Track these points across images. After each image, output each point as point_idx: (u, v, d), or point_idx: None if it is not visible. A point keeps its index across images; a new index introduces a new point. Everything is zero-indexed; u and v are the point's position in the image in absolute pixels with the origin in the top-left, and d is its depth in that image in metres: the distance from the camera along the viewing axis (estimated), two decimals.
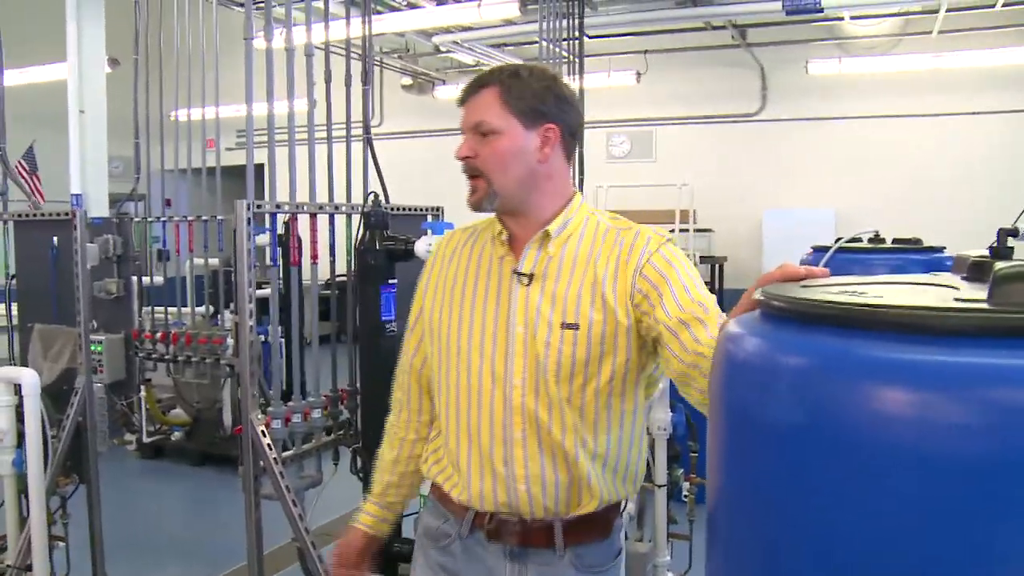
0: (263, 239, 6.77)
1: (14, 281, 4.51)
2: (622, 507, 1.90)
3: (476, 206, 1.79)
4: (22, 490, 3.71)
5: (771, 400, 0.77)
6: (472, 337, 1.78)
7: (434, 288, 1.89)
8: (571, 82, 6.35)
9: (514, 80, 1.75)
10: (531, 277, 1.75)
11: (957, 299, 0.75)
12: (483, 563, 1.83)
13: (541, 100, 1.74)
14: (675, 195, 11.09)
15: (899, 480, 0.67)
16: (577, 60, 6.55)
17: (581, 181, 6.41)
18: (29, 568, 3.64)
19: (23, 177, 7.36)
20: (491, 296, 1.79)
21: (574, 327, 1.70)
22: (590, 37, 8.85)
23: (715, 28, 11.03)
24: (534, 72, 1.79)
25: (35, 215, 4.34)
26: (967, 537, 0.64)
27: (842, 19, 9.90)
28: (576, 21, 6.58)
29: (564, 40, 6.47)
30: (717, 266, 11.36)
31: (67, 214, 4.21)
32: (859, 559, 0.69)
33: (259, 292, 6.88)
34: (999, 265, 0.74)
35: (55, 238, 4.17)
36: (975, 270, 0.90)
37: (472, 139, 1.76)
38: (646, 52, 11.65)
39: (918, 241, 4.38)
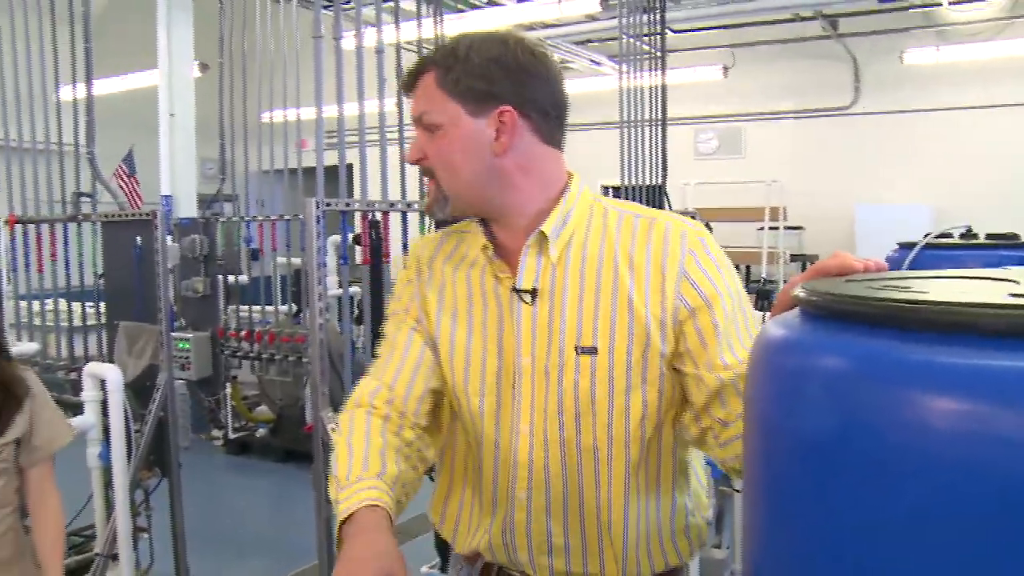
0: (337, 239, 6.84)
1: (102, 280, 4.63)
2: None
3: (428, 212, 1.48)
4: (108, 482, 3.82)
5: (801, 407, 0.69)
6: (471, 376, 1.46)
7: (417, 312, 1.54)
8: (654, 78, 6.23)
9: (451, 59, 1.40)
10: (534, 293, 1.41)
11: (1013, 295, 0.66)
12: None
13: (487, 78, 1.38)
14: (764, 192, 10.84)
15: (929, 491, 0.59)
16: (660, 55, 6.42)
17: (664, 178, 6.28)
18: (115, 557, 3.73)
19: (123, 181, 7.64)
20: (491, 324, 1.45)
21: (592, 351, 1.37)
22: (674, 32, 8.72)
23: (804, 19, 10.74)
24: (475, 45, 1.41)
25: (121, 216, 4.45)
26: (1013, 555, 0.56)
27: (940, 5, 9.52)
28: (658, 15, 6.46)
29: (646, 35, 6.35)
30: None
31: (149, 215, 4.31)
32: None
33: (338, 291, 6.98)
34: None
35: (139, 238, 4.26)
36: None
37: (421, 136, 1.45)
38: (733, 46, 11.42)
39: (1014, 236, 4.13)
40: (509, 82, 1.39)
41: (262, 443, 6.96)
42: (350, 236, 3.72)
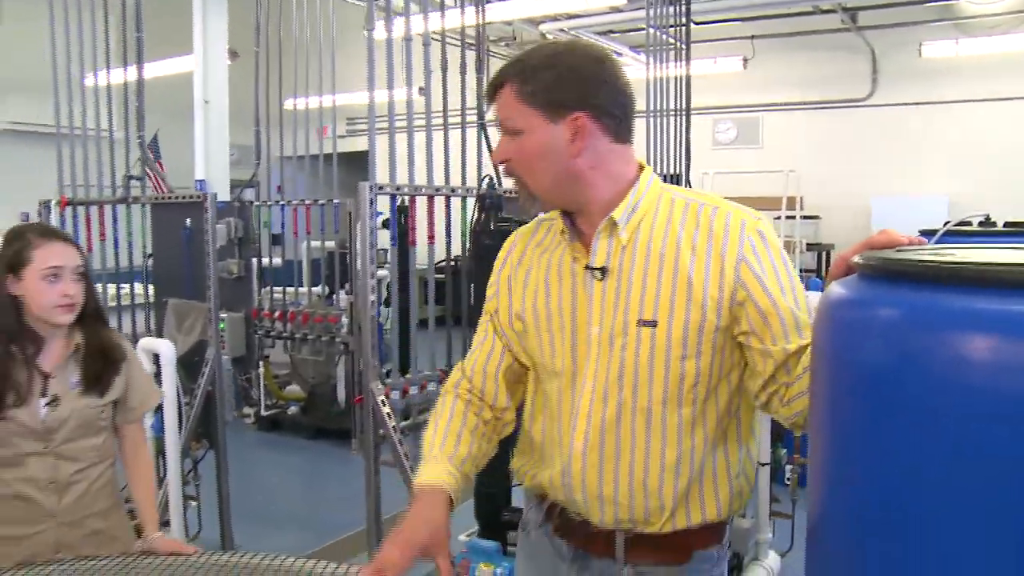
0: (377, 222, 6.97)
1: (150, 260, 4.81)
2: (722, 537, 1.68)
3: (521, 208, 1.67)
4: (159, 452, 4.00)
5: (865, 348, 0.87)
6: (553, 340, 1.64)
7: (509, 290, 1.75)
8: (678, 69, 6.37)
9: (527, 72, 1.55)
10: (604, 271, 1.58)
11: None
12: (549, 557, 1.75)
13: (559, 89, 1.53)
14: (781, 182, 10.97)
15: (970, 411, 0.76)
16: (684, 47, 6.55)
17: (688, 167, 6.43)
18: (166, 523, 3.91)
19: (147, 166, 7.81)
20: (565, 297, 1.63)
21: (652, 324, 1.53)
22: (696, 23, 8.82)
23: (824, 12, 10.85)
24: (547, 58, 1.56)
25: (170, 198, 4.63)
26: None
27: None
28: (683, 7, 6.58)
29: (671, 27, 6.47)
30: (824, 253, 11.20)
31: (199, 197, 4.49)
32: (941, 479, 0.79)
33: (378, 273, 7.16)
34: None
35: (188, 220, 4.43)
36: None
37: (504, 139, 1.60)
38: (753, 37, 11.54)
39: None
40: (580, 91, 1.54)
41: (292, 420, 7.16)
42: (379, 220, 3.88)
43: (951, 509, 0.79)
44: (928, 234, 3.44)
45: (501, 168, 1.66)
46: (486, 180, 3.69)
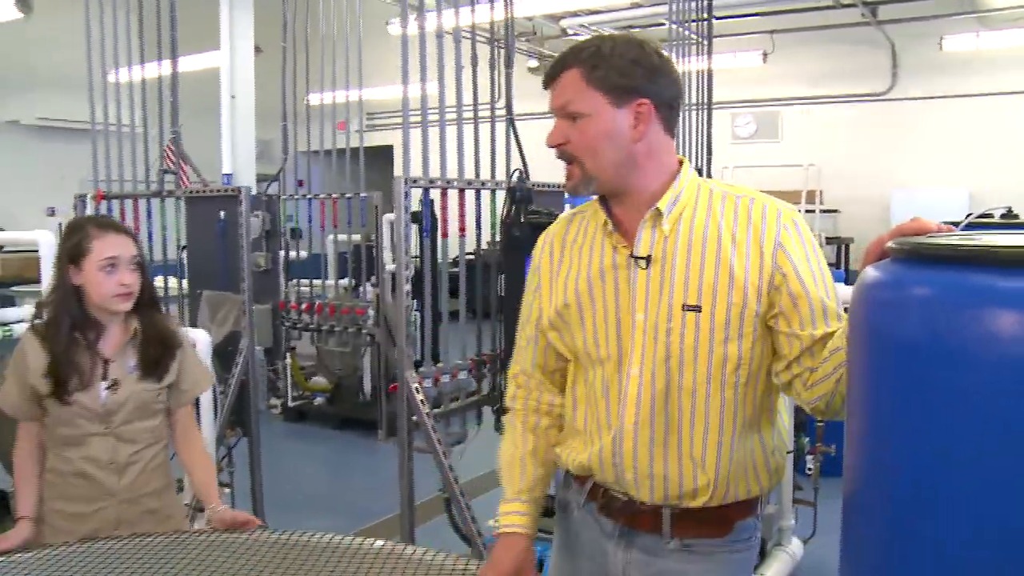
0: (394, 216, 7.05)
1: (184, 253, 4.92)
2: (758, 509, 1.76)
3: (573, 191, 1.70)
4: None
5: (903, 324, 0.95)
6: (596, 329, 1.71)
7: (550, 287, 1.81)
8: (700, 64, 6.42)
9: (597, 57, 1.62)
10: (648, 260, 1.64)
11: None
12: (593, 535, 1.80)
13: (628, 75, 1.61)
14: (801, 175, 11.00)
15: (999, 387, 0.85)
16: (705, 41, 6.59)
17: (709, 161, 6.49)
18: (201, 509, 4.02)
19: (170, 159, 7.92)
20: (608, 286, 1.69)
21: (696, 309, 1.60)
22: (717, 18, 8.86)
23: (844, 6, 10.86)
24: (618, 44, 1.64)
25: (204, 192, 4.73)
26: None
27: None
28: (704, 2, 6.62)
29: (692, 21, 6.52)
30: (843, 247, 11.22)
31: (233, 191, 4.59)
32: (971, 448, 0.88)
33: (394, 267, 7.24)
34: None
35: (222, 212, 4.53)
36: None
37: (562, 123, 1.67)
38: (772, 32, 11.56)
39: None
40: (646, 79, 1.62)
41: (318, 411, 7.27)
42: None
43: (981, 483, 0.87)
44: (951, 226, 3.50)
45: (556, 151, 1.70)
46: (516, 174, 3.77)
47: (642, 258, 1.65)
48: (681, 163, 1.72)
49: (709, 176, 6.48)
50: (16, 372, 2.35)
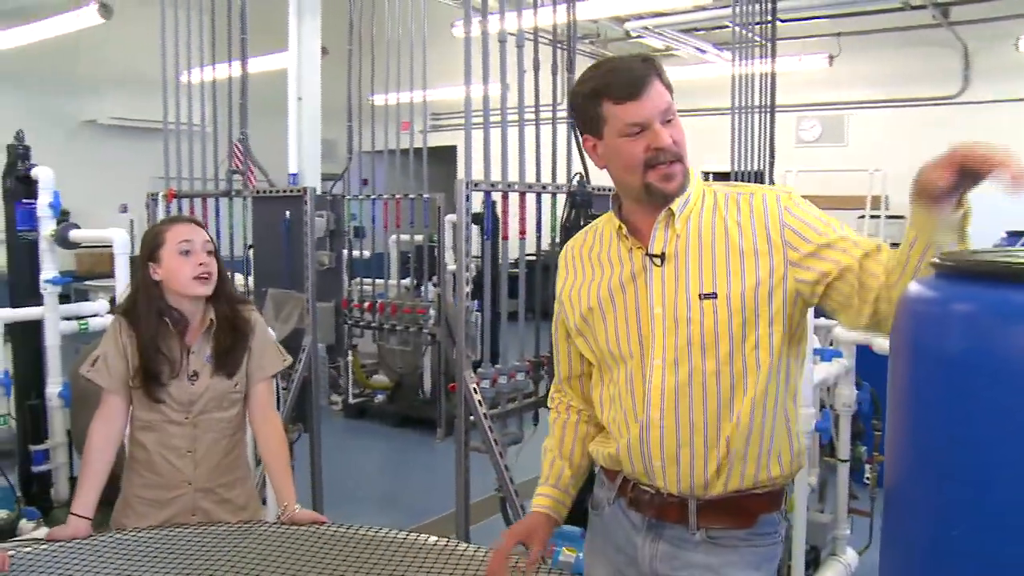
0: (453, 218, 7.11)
1: (251, 251, 5.04)
2: (782, 503, 1.84)
3: (679, 190, 1.74)
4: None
5: (944, 337, 0.97)
6: (620, 330, 1.80)
7: (571, 298, 1.92)
8: (763, 66, 6.39)
9: (658, 65, 1.76)
10: (663, 257, 1.75)
11: None
12: (623, 529, 1.88)
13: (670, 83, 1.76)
14: (866, 181, 10.82)
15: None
16: (769, 44, 6.55)
17: (771, 164, 6.44)
18: (264, 501, 4.11)
19: (238, 159, 8.11)
20: (628, 287, 1.79)
21: (712, 296, 1.70)
22: (782, 21, 8.77)
23: (914, 8, 10.66)
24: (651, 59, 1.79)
25: (271, 192, 4.85)
26: None
27: None
28: (768, 5, 6.58)
29: (756, 24, 6.48)
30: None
31: (298, 191, 4.69)
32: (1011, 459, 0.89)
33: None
34: None
35: (287, 212, 4.64)
36: None
37: (665, 127, 1.72)
38: (839, 35, 11.39)
39: None
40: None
41: (379, 409, 7.37)
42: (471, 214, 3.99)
43: (1018, 493, 0.88)
44: (1016, 235, 3.44)
45: (662, 153, 1.72)
46: (576, 177, 3.79)
47: (656, 256, 1.75)
48: (690, 169, 1.83)
49: (771, 180, 6.44)
50: (115, 347, 2.42)
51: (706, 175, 6.84)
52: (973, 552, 0.94)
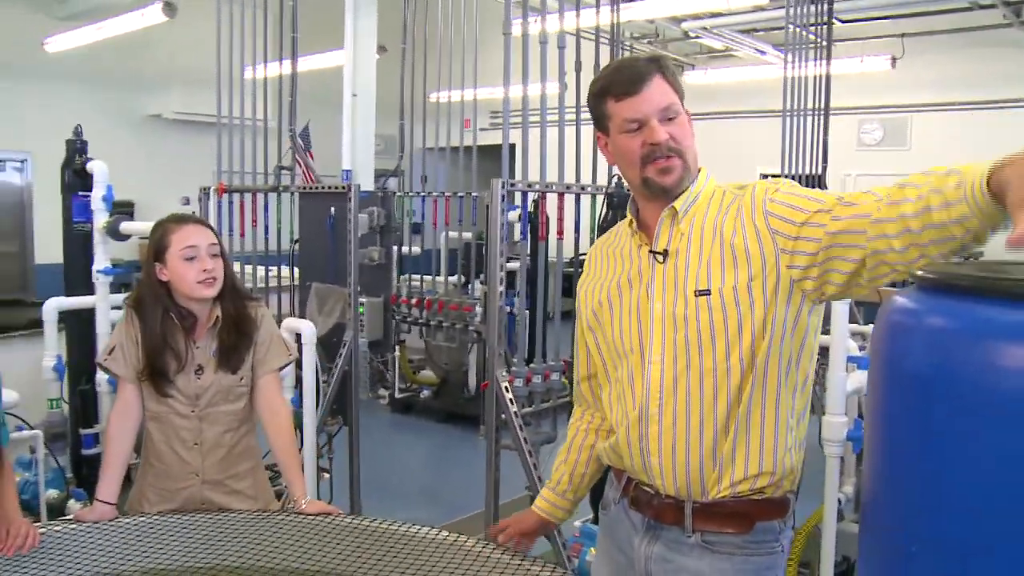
0: (513, 215, 7.14)
1: (297, 245, 5.13)
2: (786, 512, 1.82)
3: (676, 183, 1.78)
4: (297, 425, 4.26)
5: (914, 348, 0.96)
6: (623, 325, 1.85)
7: (586, 294, 1.98)
8: (818, 68, 6.30)
9: (665, 65, 1.81)
10: (665, 254, 1.79)
11: None
12: (625, 529, 1.93)
13: (678, 80, 1.82)
14: None
15: (994, 405, 0.84)
16: (826, 45, 6.45)
17: (824, 169, 6.34)
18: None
19: (298, 155, 8.24)
20: (634, 283, 1.84)
21: (706, 293, 1.72)
22: (842, 21, 8.64)
23: (982, 7, 10.36)
24: (657, 57, 1.86)
25: (316, 188, 4.93)
26: None
27: None
28: (825, 6, 6.48)
29: (813, 25, 6.40)
30: (972, 260, 10.73)
31: (343, 187, 4.76)
32: (976, 475, 0.88)
33: (508, 265, 7.34)
34: None
35: (332, 208, 4.71)
36: None
37: (664, 124, 1.76)
38: (903, 35, 11.15)
39: None
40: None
41: (424, 404, 7.44)
42: (513, 213, 4.00)
43: (982, 495, 0.87)
44: None
45: (660, 147, 1.76)
46: (615, 179, 3.79)
47: (659, 253, 1.80)
48: (701, 169, 1.86)
49: (824, 184, 6.34)
50: (128, 337, 2.49)
51: (763, 176, 6.75)
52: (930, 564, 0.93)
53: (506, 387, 3.51)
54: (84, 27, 9.50)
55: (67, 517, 2.55)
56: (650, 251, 1.81)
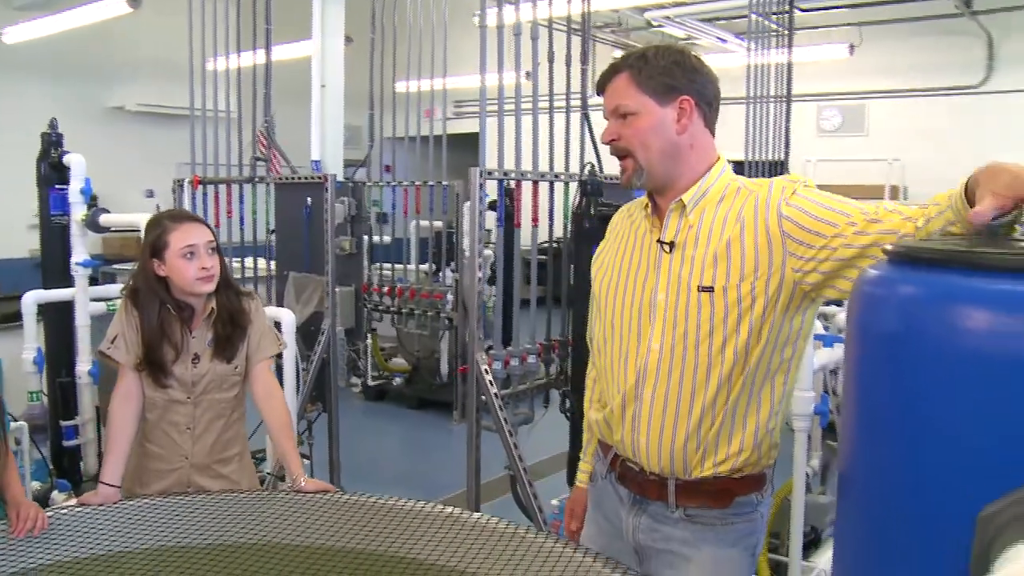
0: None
1: (273, 236, 5.18)
2: (762, 486, 1.91)
3: (627, 183, 1.88)
4: None
5: (885, 315, 1.08)
6: (624, 305, 1.91)
7: (600, 262, 2.05)
8: (780, 56, 6.44)
9: (642, 62, 1.83)
10: (672, 245, 1.83)
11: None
12: (612, 502, 2.03)
13: (671, 75, 1.82)
14: (885, 171, 10.84)
15: (953, 363, 0.98)
16: (787, 33, 6.60)
17: (787, 155, 6.50)
18: (282, 478, 4.25)
19: (263, 146, 8.25)
20: (641, 266, 1.89)
21: (709, 289, 1.77)
22: (802, 10, 8.81)
23: None
24: (660, 51, 1.86)
25: (293, 179, 4.99)
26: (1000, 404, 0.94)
27: None
28: None
29: (775, 13, 6.53)
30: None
31: (319, 178, 4.83)
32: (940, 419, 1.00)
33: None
34: None
35: (309, 198, 4.77)
36: None
37: (614, 123, 1.87)
38: (860, 24, 11.38)
39: None
40: (687, 79, 1.84)
41: (397, 391, 7.53)
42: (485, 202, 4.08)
43: (948, 448, 0.99)
44: None
45: (609, 147, 1.90)
46: (588, 167, 3.90)
47: (667, 243, 1.85)
48: (717, 159, 1.90)
49: (786, 170, 6.50)
50: (128, 326, 2.57)
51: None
52: (906, 509, 1.05)
53: (486, 369, 3.61)
54: (43, 17, 9.41)
55: (59, 506, 2.61)
56: (658, 240, 1.86)
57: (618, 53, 12.51)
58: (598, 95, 1.93)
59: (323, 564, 2.11)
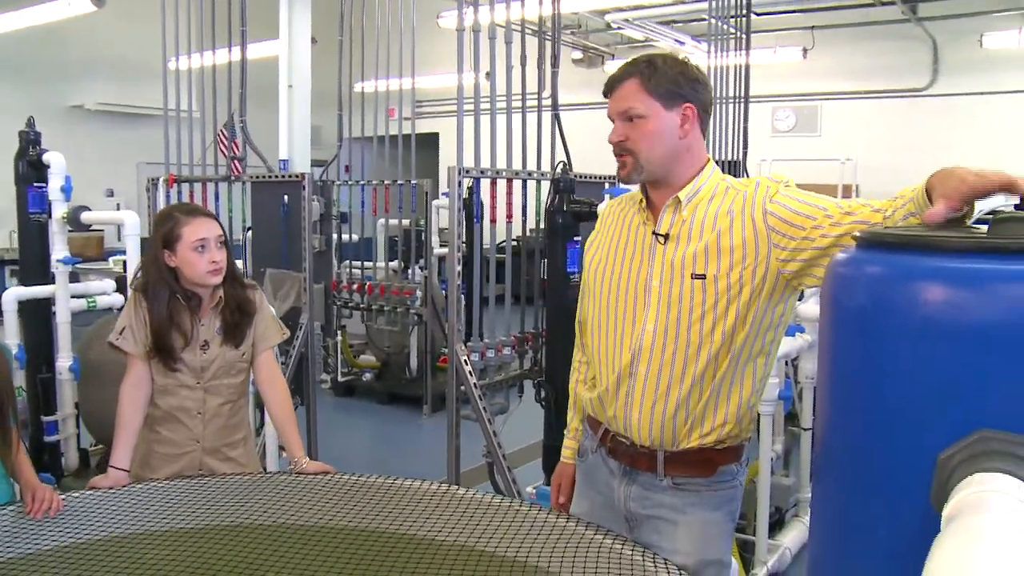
0: (442, 202, 7.28)
1: (250, 233, 5.28)
2: (741, 456, 2.09)
3: (626, 179, 2.04)
4: (257, 405, 4.43)
5: (855, 291, 1.26)
6: (620, 290, 2.05)
7: (594, 250, 2.18)
8: (738, 58, 6.65)
9: (651, 70, 1.96)
10: (667, 237, 1.98)
11: (971, 235, 1.22)
12: (603, 474, 2.17)
13: (677, 84, 1.96)
14: (838, 170, 11.16)
15: (912, 335, 1.15)
16: (744, 36, 6.80)
17: (745, 155, 6.72)
18: (264, 470, 4.36)
19: (223, 145, 8.30)
20: (636, 255, 2.04)
21: (702, 277, 1.92)
22: (757, 14, 9.06)
23: (884, 3, 10.97)
24: (667, 60, 1.99)
25: (270, 177, 5.09)
26: (955, 367, 1.11)
27: None
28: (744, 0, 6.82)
29: (732, 17, 6.72)
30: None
31: (297, 177, 4.93)
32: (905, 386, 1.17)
33: (441, 251, 7.49)
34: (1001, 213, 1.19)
35: (285, 196, 4.88)
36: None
37: (621, 124, 2.00)
38: (813, 28, 11.70)
39: None
40: (690, 87, 1.99)
41: (366, 387, 7.63)
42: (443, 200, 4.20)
43: (912, 410, 1.17)
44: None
45: (614, 146, 2.03)
46: (560, 165, 4.06)
47: (662, 235, 2.00)
48: (708, 160, 2.06)
49: (745, 169, 6.72)
50: (137, 318, 2.67)
51: None
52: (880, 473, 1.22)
53: (465, 360, 3.76)
54: (3, 15, 9.36)
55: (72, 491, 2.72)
56: (653, 232, 2.01)
57: (577, 55, 12.66)
58: (605, 97, 2.04)
59: (327, 543, 2.24)
